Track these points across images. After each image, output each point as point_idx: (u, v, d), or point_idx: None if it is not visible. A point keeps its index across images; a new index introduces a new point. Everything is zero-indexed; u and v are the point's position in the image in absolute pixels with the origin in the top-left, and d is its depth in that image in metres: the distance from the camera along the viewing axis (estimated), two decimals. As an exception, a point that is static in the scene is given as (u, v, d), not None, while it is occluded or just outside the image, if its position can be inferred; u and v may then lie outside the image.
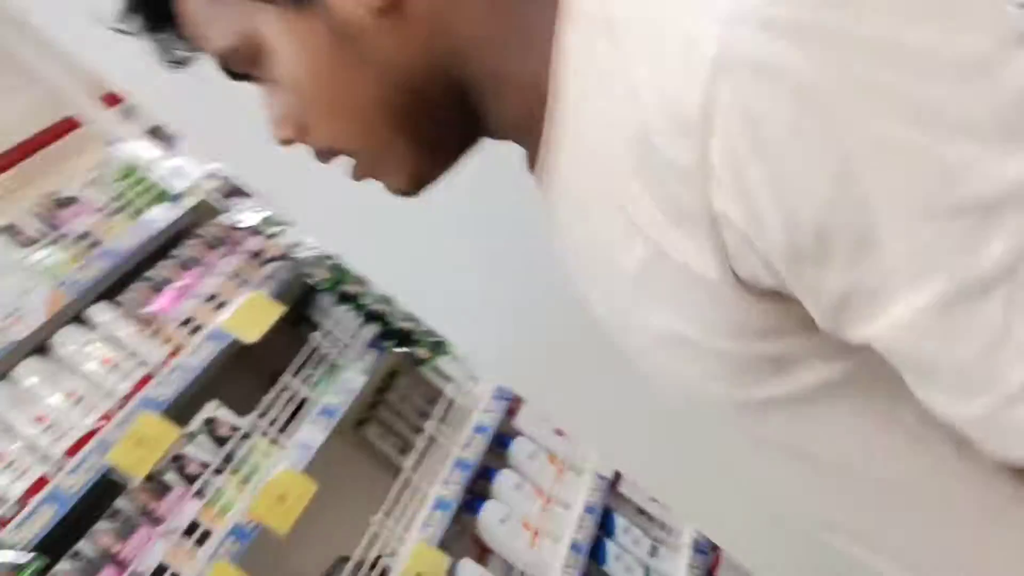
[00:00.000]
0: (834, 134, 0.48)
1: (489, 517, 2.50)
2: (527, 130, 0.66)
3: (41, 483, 1.84)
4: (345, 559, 2.32)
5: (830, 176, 0.49)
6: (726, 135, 0.50)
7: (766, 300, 0.56)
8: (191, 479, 2.06)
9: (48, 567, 1.69)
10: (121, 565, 1.85)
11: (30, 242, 2.18)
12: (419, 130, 0.69)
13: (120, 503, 1.94)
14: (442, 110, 0.68)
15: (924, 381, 0.54)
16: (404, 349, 2.58)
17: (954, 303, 0.49)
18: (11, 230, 2.19)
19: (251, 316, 2.25)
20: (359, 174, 0.75)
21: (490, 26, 0.64)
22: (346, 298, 2.57)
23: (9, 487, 1.83)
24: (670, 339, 0.63)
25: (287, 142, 0.73)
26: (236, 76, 0.71)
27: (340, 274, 2.57)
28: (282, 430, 2.25)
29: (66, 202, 2.33)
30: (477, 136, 0.73)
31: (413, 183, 0.73)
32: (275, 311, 2.28)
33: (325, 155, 0.74)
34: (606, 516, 2.71)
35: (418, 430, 2.67)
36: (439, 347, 2.68)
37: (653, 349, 0.67)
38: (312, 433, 2.22)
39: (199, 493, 2.04)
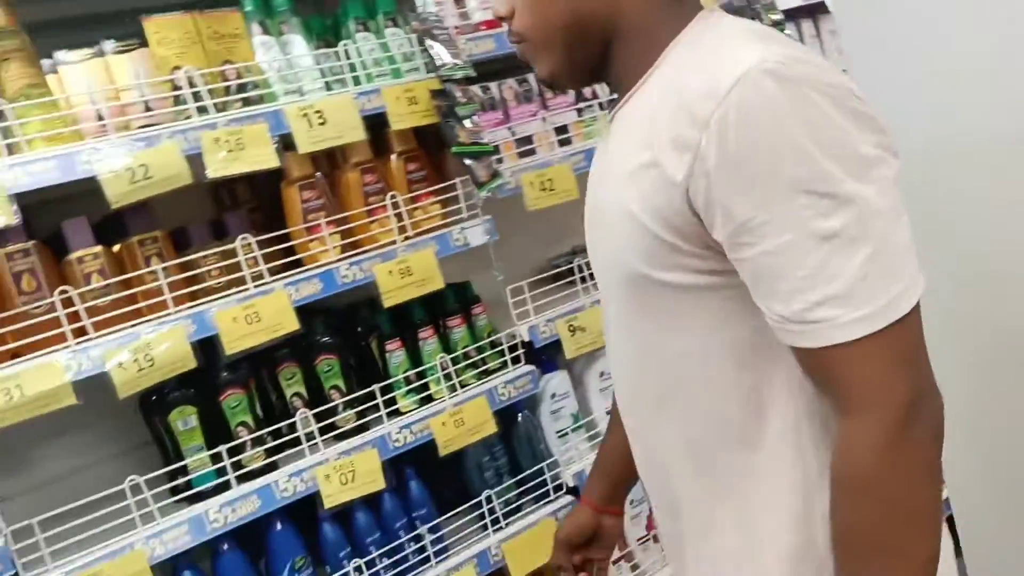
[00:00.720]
0: (781, 134, 0.91)
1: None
2: (627, 85, 1.11)
3: (492, 23, 2.27)
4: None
5: (770, 154, 0.92)
6: (727, 110, 0.93)
7: (692, 215, 0.99)
8: (579, 99, 2.44)
9: (470, 80, 2.13)
10: (507, 117, 2.30)
11: None
12: (572, 48, 1.11)
13: (530, 77, 2.36)
14: (591, 46, 1.11)
15: (767, 290, 0.97)
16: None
17: (801, 245, 0.93)
18: None
19: None
20: (523, 52, 1.16)
21: (642, 18, 1.08)
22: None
23: (475, 12, 2.27)
24: (625, 210, 1.04)
25: (500, 17, 1.15)
26: None
27: None
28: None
29: None
30: (600, 77, 1.15)
31: (551, 78, 1.16)
32: None
33: (514, 36, 1.15)
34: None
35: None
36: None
37: (611, 213, 1.09)
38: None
39: (579, 111, 2.42)
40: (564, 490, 2.28)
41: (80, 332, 1.75)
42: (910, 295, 0.94)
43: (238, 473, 1.92)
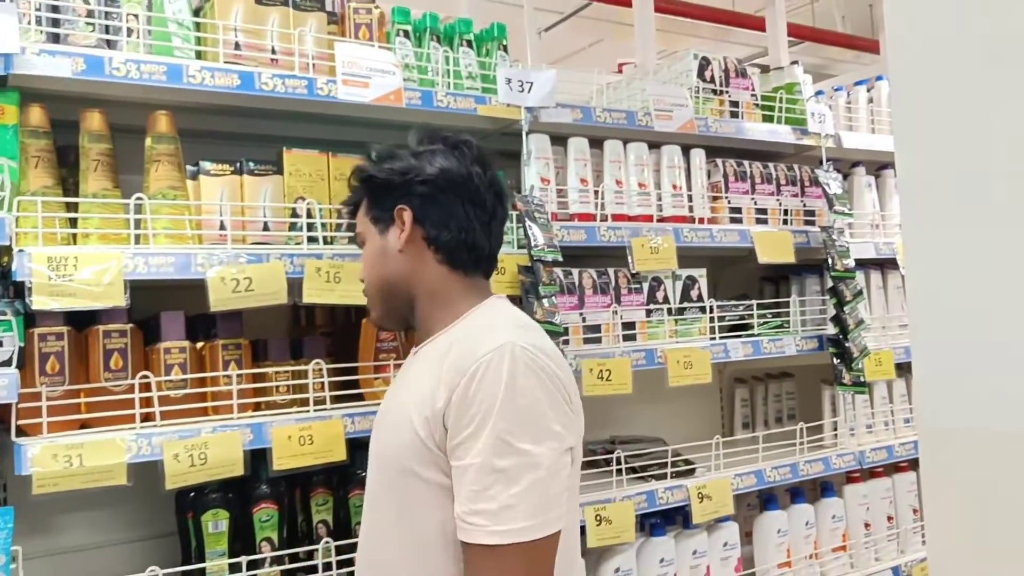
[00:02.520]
0: (500, 395, 1.36)
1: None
2: (426, 334, 1.60)
3: (586, 216, 2.43)
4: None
5: (489, 405, 1.36)
6: (478, 368, 1.39)
7: (444, 431, 1.40)
8: (651, 300, 2.56)
9: (556, 263, 2.27)
10: (581, 303, 2.42)
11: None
12: (385, 301, 1.63)
13: (610, 271, 2.50)
14: (397, 302, 1.61)
15: (456, 491, 1.39)
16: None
17: (480, 469, 1.35)
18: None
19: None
20: (368, 303, 1.67)
21: (436, 291, 1.59)
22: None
23: (574, 203, 2.43)
24: (408, 418, 1.45)
25: (362, 279, 1.66)
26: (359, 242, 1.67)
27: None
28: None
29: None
30: (411, 325, 1.64)
31: (376, 321, 1.69)
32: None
33: (367, 292, 1.66)
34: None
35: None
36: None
37: (398, 418, 1.50)
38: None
39: (648, 312, 2.54)
40: None
41: (147, 417, 1.84)
42: (540, 530, 1.34)
43: (251, 587, 1.94)
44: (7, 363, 1.71)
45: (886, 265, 3.20)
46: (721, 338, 2.65)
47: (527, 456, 1.35)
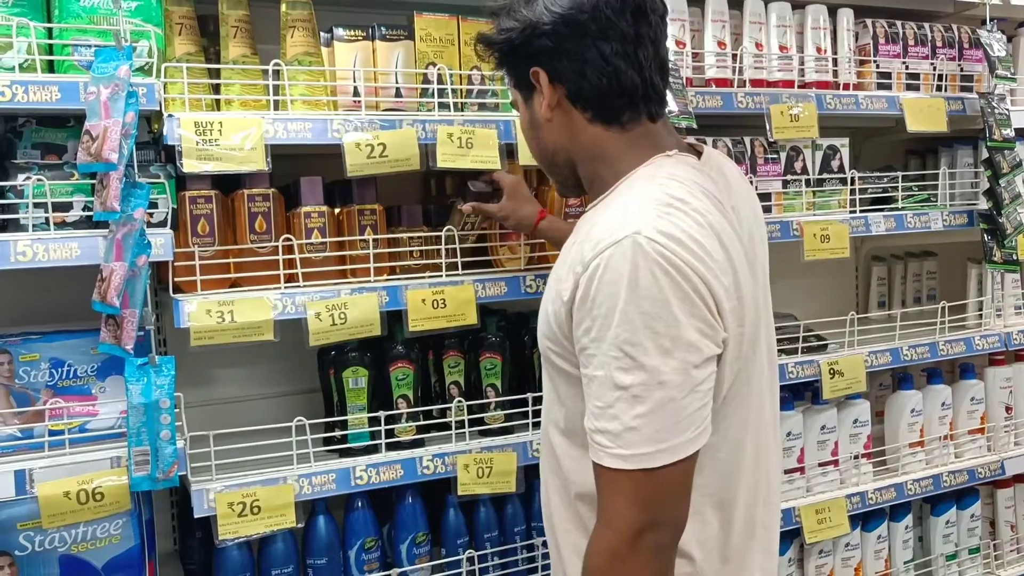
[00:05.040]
0: (620, 298, 1.19)
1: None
2: (591, 198, 1.43)
3: (723, 82, 2.33)
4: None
5: (608, 309, 1.20)
6: (600, 263, 1.22)
7: (570, 327, 1.28)
8: (788, 171, 2.46)
9: (691, 131, 2.20)
10: (713, 173, 2.35)
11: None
12: (552, 171, 1.52)
13: (746, 140, 2.40)
14: (566, 174, 1.48)
15: (586, 399, 1.26)
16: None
17: (603, 383, 1.21)
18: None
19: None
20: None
21: (595, 153, 1.41)
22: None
23: (709, 68, 2.33)
24: (548, 298, 1.36)
25: None
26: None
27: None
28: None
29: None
30: (579, 190, 1.49)
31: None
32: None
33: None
34: None
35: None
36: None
37: (545, 297, 1.39)
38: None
39: (785, 183, 2.44)
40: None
41: (291, 278, 1.93)
42: (665, 456, 1.19)
43: (389, 440, 2.05)
44: (162, 223, 1.81)
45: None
46: (862, 211, 2.54)
47: (654, 373, 1.18)
